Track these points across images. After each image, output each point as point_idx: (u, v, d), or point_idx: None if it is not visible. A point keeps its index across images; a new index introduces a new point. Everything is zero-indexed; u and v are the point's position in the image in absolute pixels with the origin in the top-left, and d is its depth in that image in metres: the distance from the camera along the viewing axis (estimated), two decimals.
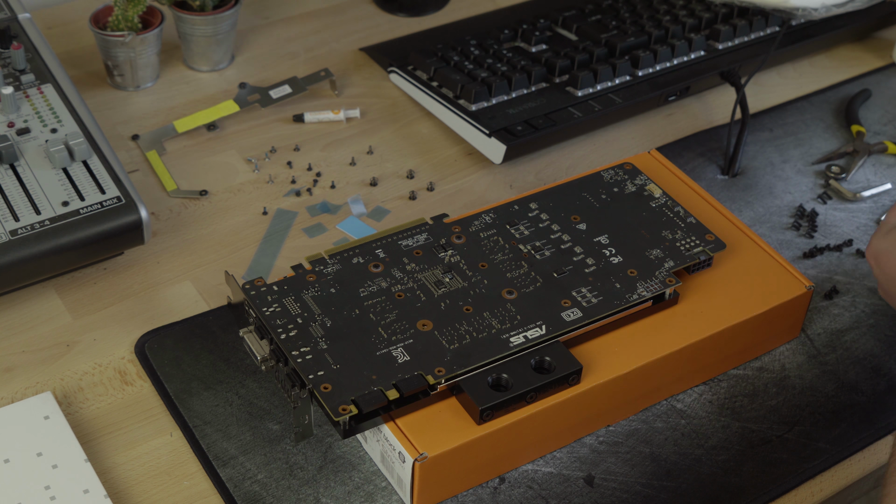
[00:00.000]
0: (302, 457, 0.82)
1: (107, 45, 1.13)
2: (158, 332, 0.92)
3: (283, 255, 1.00)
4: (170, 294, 0.96)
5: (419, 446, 0.76)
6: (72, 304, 0.94)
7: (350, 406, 0.76)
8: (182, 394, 0.86)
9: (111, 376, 0.88)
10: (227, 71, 1.21)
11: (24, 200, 0.92)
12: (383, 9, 1.32)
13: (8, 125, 0.98)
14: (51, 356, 0.90)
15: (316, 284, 0.85)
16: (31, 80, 1.03)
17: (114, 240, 0.93)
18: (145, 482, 0.81)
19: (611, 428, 0.86)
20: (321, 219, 1.04)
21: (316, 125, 1.15)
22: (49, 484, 0.78)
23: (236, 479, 0.81)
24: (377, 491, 0.81)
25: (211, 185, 1.06)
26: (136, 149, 1.10)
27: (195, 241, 1.01)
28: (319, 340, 0.81)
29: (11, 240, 0.90)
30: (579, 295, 0.86)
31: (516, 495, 0.81)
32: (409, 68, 1.18)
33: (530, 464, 0.83)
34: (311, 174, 1.09)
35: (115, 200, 0.93)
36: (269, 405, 0.86)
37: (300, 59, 1.23)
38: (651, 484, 0.82)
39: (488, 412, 0.78)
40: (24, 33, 1.06)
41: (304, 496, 0.80)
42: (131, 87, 1.17)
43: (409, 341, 0.81)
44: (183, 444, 0.84)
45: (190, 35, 1.17)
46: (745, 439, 0.86)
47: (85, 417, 0.85)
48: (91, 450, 0.83)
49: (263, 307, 0.83)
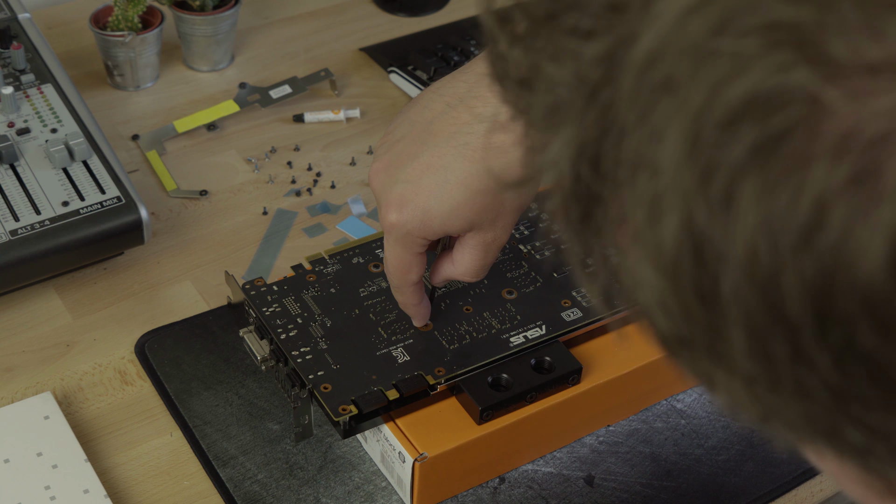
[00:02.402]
0: (302, 457, 0.82)
1: (107, 45, 1.13)
2: (158, 332, 0.92)
3: (283, 255, 1.00)
4: (170, 294, 0.96)
5: (419, 446, 0.76)
6: (72, 304, 0.94)
7: (350, 406, 0.76)
8: (182, 394, 0.86)
9: (111, 376, 0.88)
10: (227, 71, 1.21)
11: (24, 200, 0.92)
12: (383, 9, 1.32)
13: (8, 125, 0.98)
14: (51, 356, 0.90)
15: (316, 284, 0.85)
16: (31, 80, 1.03)
17: (114, 240, 0.93)
18: (145, 482, 0.81)
19: (611, 428, 0.86)
20: (321, 219, 1.04)
21: (316, 125, 1.15)
22: (49, 484, 0.78)
23: (236, 479, 0.81)
24: (377, 491, 0.80)
25: (211, 185, 1.06)
26: (136, 149, 1.10)
27: (195, 241, 1.01)
28: (319, 340, 0.81)
29: (11, 240, 0.90)
30: (579, 295, 0.86)
31: (516, 495, 0.81)
32: (409, 68, 1.18)
33: (530, 464, 0.83)
34: (311, 174, 1.09)
35: (115, 200, 0.93)
36: (269, 405, 0.86)
37: (300, 59, 1.23)
38: (651, 484, 0.82)
39: (488, 412, 0.77)
40: (24, 33, 1.06)
41: (304, 496, 0.80)
42: (131, 87, 1.17)
43: (409, 341, 0.81)
44: (183, 444, 0.84)
45: (190, 35, 1.17)
46: (745, 439, 0.86)
47: (85, 417, 0.85)
48: (91, 450, 0.83)
49: (263, 307, 0.83)
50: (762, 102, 0.29)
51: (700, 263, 0.31)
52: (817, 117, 0.29)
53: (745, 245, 0.30)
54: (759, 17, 0.30)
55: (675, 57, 0.31)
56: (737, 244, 0.30)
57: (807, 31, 0.29)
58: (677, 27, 0.31)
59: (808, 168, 0.29)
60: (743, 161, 0.30)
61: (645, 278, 0.33)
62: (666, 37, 0.31)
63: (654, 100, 0.31)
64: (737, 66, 0.30)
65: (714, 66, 0.30)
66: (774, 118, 0.29)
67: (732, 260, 0.31)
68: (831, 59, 0.29)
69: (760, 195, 0.30)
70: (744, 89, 0.30)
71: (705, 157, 0.30)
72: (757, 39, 0.30)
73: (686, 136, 0.31)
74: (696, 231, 0.31)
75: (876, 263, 0.28)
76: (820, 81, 0.29)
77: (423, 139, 0.69)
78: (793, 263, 0.30)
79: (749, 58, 0.30)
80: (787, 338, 0.31)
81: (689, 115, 0.30)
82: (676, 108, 0.31)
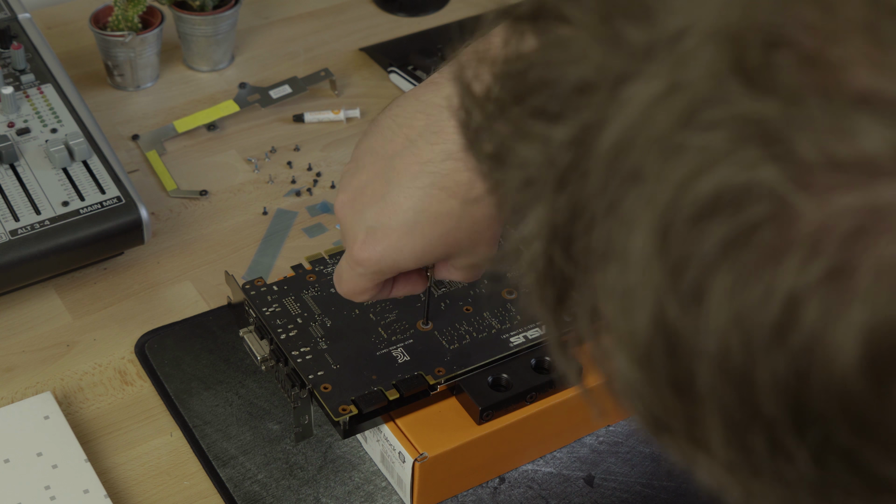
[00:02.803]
0: (302, 457, 0.82)
1: (107, 45, 1.13)
2: (158, 332, 0.92)
3: (283, 255, 1.00)
4: (170, 294, 0.96)
5: (419, 446, 0.76)
6: (72, 304, 0.94)
7: (350, 406, 0.76)
8: (182, 394, 0.86)
9: (111, 376, 0.88)
10: (227, 71, 1.21)
11: (24, 200, 0.92)
12: (383, 9, 1.32)
13: (8, 125, 0.98)
14: (51, 356, 0.90)
15: (316, 284, 0.85)
16: (31, 80, 1.03)
17: (114, 240, 0.93)
18: (145, 482, 0.81)
19: (611, 428, 0.86)
20: (321, 219, 1.04)
21: (316, 125, 1.15)
22: (49, 484, 0.78)
23: (236, 479, 0.81)
24: (377, 491, 0.80)
25: (211, 185, 1.06)
26: (136, 149, 1.10)
27: (195, 241, 1.01)
28: (319, 340, 0.81)
29: (11, 240, 0.90)
30: None
31: (516, 495, 0.81)
32: (409, 68, 1.18)
33: (530, 464, 0.83)
34: (311, 174, 1.09)
35: (115, 200, 0.93)
36: (269, 405, 0.86)
37: (300, 59, 1.23)
38: (651, 484, 0.82)
39: (488, 412, 0.77)
40: (24, 33, 1.06)
41: (304, 496, 0.80)
42: (131, 87, 1.17)
43: (409, 341, 0.81)
44: (183, 444, 0.84)
45: (190, 35, 1.17)
46: None
47: (85, 417, 0.85)
48: (91, 450, 0.83)
49: (263, 307, 0.83)
50: (731, 199, 0.29)
51: (674, 357, 0.31)
52: (786, 215, 0.29)
53: (718, 341, 0.30)
54: (725, 111, 0.29)
55: (642, 148, 0.31)
56: (709, 340, 0.30)
57: (773, 127, 0.29)
58: (644, 117, 0.31)
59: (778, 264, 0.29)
60: (713, 256, 0.29)
61: (621, 368, 0.33)
62: (633, 127, 0.31)
63: (622, 191, 0.31)
64: (704, 162, 0.29)
65: (681, 160, 0.30)
66: (743, 215, 0.29)
67: (705, 355, 0.30)
68: (798, 157, 0.28)
69: (731, 291, 0.29)
70: (712, 186, 0.29)
71: (675, 252, 0.30)
72: (723, 133, 0.29)
73: (655, 231, 0.30)
74: (668, 326, 0.31)
75: (850, 364, 0.28)
76: (787, 181, 0.28)
77: (388, 177, 0.68)
78: (766, 361, 0.29)
79: (716, 153, 0.29)
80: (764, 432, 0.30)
81: (658, 209, 0.30)
82: (645, 202, 0.31)
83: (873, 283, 0.28)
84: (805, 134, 0.28)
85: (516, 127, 0.35)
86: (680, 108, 0.30)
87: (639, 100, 0.31)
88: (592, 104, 0.32)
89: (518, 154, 0.35)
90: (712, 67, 0.30)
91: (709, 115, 0.29)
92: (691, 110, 0.30)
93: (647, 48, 0.31)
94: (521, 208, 0.35)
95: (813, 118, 0.28)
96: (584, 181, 0.32)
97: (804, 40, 0.29)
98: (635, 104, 0.31)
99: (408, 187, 0.67)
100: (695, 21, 0.30)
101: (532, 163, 0.34)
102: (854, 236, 0.28)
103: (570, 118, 0.33)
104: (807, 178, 0.28)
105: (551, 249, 0.34)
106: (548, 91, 0.34)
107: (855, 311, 0.28)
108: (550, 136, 0.33)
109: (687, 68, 0.30)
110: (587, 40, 0.33)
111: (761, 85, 0.29)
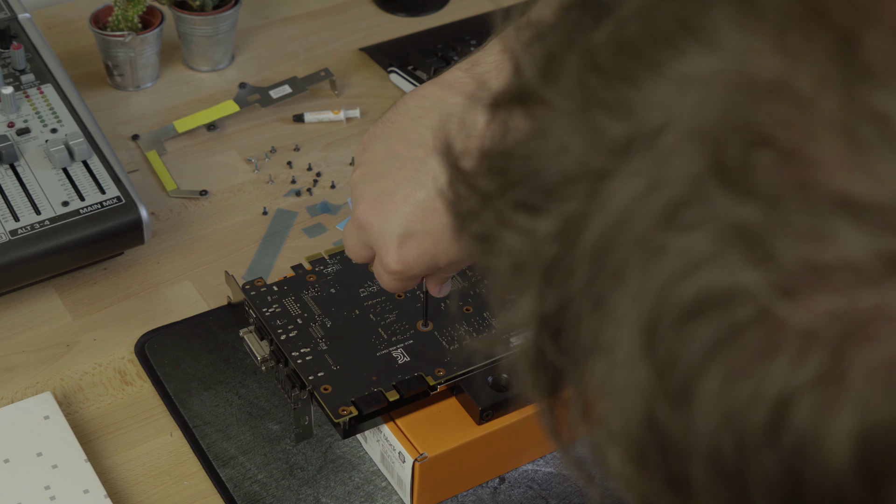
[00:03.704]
0: (302, 457, 0.82)
1: (107, 45, 1.13)
2: (158, 332, 0.92)
3: (283, 255, 1.00)
4: (170, 294, 0.96)
5: (419, 446, 0.76)
6: (72, 304, 0.94)
7: (350, 407, 0.76)
8: (182, 394, 0.86)
9: (111, 376, 0.88)
10: (227, 71, 1.21)
11: (24, 200, 0.92)
12: (383, 9, 1.32)
13: (8, 125, 0.98)
14: (51, 356, 0.90)
15: (316, 284, 0.85)
16: (31, 80, 1.03)
17: (114, 240, 0.94)
18: (145, 482, 0.81)
19: None
20: (321, 219, 1.04)
21: (316, 125, 1.15)
22: (49, 484, 0.78)
23: (236, 479, 0.81)
24: (377, 491, 0.81)
25: (211, 185, 1.06)
26: (136, 149, 1.10)
27: (195, 241, 1.01)
28: (319, 341, 0.81)
29: (11, 240, 0.90)
30: None
31: (516, 495, 0.81)
32: (409, 68, 1.18)
33: (530, 464, 0.83)
34: (311, 174, 1.09)
35: (115, 200, 0.93)
36: (269, 405, 0.86)
37: (300, 59, 1.23)
38: None
39: (488, 412, 0.77)
40: (24, 33, 1.06)
41: (304, 496, 0.80)
42: (131, 87, 1.17)
43: (409, 342, 0.81)
44: (183, 444, 0.84)
45: (190, 35, 1.17)
46: None
47: (85, 417, 0.85)
48: (91, 450, 0.83)
49: (263, 307, 0.83)
50: (715, 302, 0.29)
51: (666, 455, 0.31)
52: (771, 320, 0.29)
53: (709, 441, 0.30)
54: (704, 213, 0.29)
55: (625, 247, 0.31)
56: (700, 440, 0.30)
57: (753, 231, 0.29)
58: (625, 215, 0.30)
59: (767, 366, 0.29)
60: (700, 357, 0.29)
61: (615, 464, 0.33)
62: (615, 225, 0.31)
63: (607, 288, 0.31)
64: (686, 264, 0.29)
65: (663, 261, 0.30)
66: (728, 317, 0.29)
67: (696, 455, 0.30)
68: (778, 262, 0.28)
69: (720, 392, 0.29)
70: (695, 289, 0.29)
71: (662, 352, 0.30)
72: (704, 235, 0.29)
73: (641, 330, 0.30)
74: (659, 425, 0.31)
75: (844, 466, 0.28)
76: (768, 286, 0.28)
77: (419, 181, 0.68)
78: (758, 461, 0.29)
79: (698, 256, 0.29)
80: None
81: (644, 309, 0.30)
82: (630, 300, 0.31)
83: (864, 386, 0.28)
84: (785, 239, 0.28)
85: (501, 218, 0.35)
86: (660, 207, 0.30)
87: (619, 198, 0.31)
88: (575, 196, 0.32)
89: (505, 242, 0.35)
90: (691, 167, 0.29)
91: (689, 216, 0.29)
92: (671, 210, 0.30)
93: (626, 143, 0.31)
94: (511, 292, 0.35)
95: (792, 223, 0.28)
96: (570, 276, 0.32)
97: (782, 137, 0.29)
98: (616, 202, 0.31)
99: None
100: (673, 117, 0.30)
101: (519, 252, 0.34)
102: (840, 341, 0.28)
103: (552, 211, 0.33)
104: (788, 283, 0.28)
105: (541, 339, 0.34)
106: (530, 183, 0.33)
107: (846, 414, 0.28)
108: (535, 228, 0.33)
109: (666, 167, 0.30)
110: (566, 131, 0.33)
111: (740, 186, 0.29)
